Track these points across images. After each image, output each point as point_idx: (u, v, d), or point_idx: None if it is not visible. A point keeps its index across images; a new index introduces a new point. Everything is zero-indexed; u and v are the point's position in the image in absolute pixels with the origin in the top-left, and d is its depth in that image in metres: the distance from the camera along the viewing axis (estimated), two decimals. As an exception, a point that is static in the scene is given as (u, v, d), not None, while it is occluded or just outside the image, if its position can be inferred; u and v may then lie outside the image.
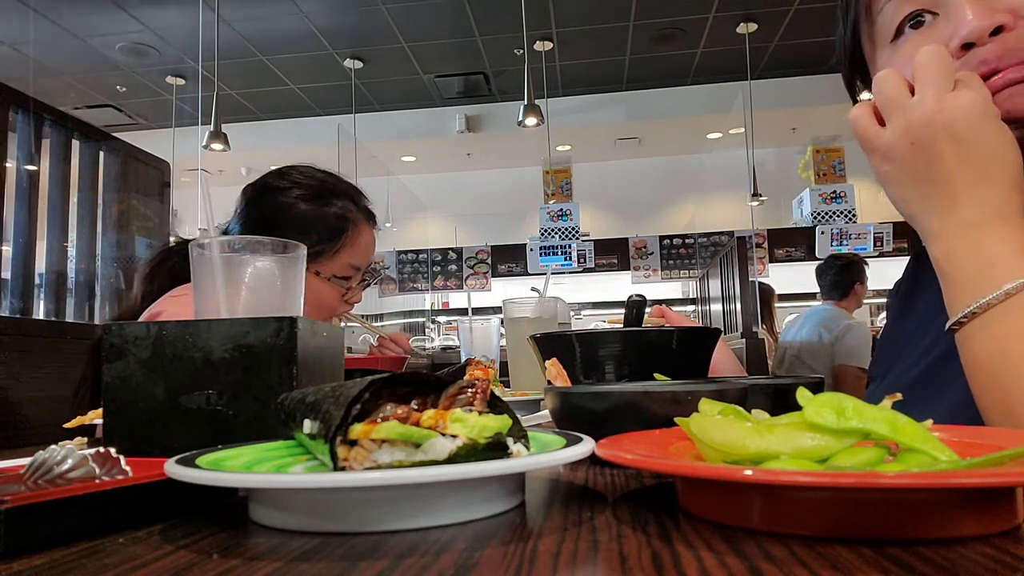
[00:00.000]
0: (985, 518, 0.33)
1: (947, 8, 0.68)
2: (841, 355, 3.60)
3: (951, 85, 0.58)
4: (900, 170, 0.60)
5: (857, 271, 3.89)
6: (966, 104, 0.57)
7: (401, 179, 8.72)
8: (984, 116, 0.57)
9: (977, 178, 0.57)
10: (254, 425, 0.56)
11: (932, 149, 0.57)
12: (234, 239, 0.72)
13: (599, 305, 7.74)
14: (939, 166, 0.57)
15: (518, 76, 5.75)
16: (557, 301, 1.52)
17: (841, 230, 6.64)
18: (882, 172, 0.62)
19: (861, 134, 0.62)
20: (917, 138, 0.58)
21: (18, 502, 0.34)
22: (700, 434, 0.40)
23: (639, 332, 0.78)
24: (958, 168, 0.57)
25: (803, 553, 0.30)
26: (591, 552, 0.32)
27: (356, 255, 1.35)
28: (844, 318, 3.74)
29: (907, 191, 0.61)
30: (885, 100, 0.61)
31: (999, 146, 0.57)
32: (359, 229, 1.37)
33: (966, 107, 0.56)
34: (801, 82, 6.84)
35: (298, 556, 0.33)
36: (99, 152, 3.70)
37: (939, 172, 0.58)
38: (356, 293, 1.40)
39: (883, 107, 0.61)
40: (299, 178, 1.38)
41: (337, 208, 1.35)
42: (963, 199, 0.57)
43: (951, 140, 0.57)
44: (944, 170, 0.57)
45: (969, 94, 0.57)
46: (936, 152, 0.57)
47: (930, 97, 0.58)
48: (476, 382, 0.43)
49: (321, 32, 5.90)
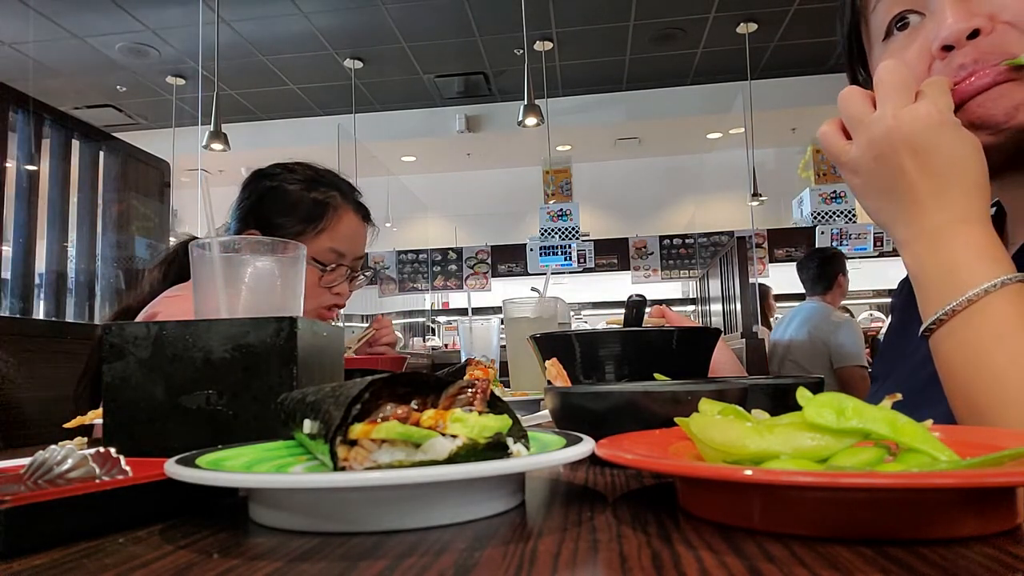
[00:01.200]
0: (985, 518, 0.33)
1: (931, 9, 0.69)
2: (838, 358, 3.59)
3: (910, 98, 0.60)
4: (867, 183, 0.63)
5: (839, 263, 3.89)
6: (923, 116, 0.59)
7: (401, 179, 8.72)
8: (941, 126, 0.59)
9: (938, 186, 0.59)
10: (254, 425, 0.56)
11: (893, 161, 0.60)
12: (234, 239, 0.72)
13: (599, 305, 7.74)
14: (901, 177, 0.60)
15: (518, 76, 5.75)
16: (557, 301, 1.52)
17: (841, 230, 6.64)
18: (853, 185, 0.65)
19: (829, 150, 0.65)
20: (879, 152, 0.60)
21: (18, 502, 0.34)
22: (700, 434, 0.40)
23: (639, 332, 0.78)
24: (919, 178, 0.59)
25: (803, 553, 0.30)
26: (591, 552, 0.32)
27: (338, 240, 1.36)
28: (831, 314, 3.72)
29: (876, 202, 0.63)
30: (849, 117, 0.63)
31: (958, 153, 0.59)
32: (342, 215, 1.38)
33: (923, 119, 0.58)
34: (801, 82, 6.84)
35: (298, 556, 0.33)
36: (99, 152, 3.70)
37: (902, 183, 0.60)
38: (342, 284, 1.39)
39: (848, 123, 0.64)
40: (293, 167, 1.42)
41: (321, 193, 1.37)
42: (927, 207, 0.59)
43: (910, 152, 0.59)
44: (906, 181, 0.60)
45: (925, 106, 0.59)
46: (897, 164, 0.59)
47: (889, 112, 0.60)
48: (476, 382, 0.43)
49: (321, 32, 5.90)
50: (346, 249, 1.38)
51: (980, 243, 0.58)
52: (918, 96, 0.61)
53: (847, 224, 6.70)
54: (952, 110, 0.61)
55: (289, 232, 1.31)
